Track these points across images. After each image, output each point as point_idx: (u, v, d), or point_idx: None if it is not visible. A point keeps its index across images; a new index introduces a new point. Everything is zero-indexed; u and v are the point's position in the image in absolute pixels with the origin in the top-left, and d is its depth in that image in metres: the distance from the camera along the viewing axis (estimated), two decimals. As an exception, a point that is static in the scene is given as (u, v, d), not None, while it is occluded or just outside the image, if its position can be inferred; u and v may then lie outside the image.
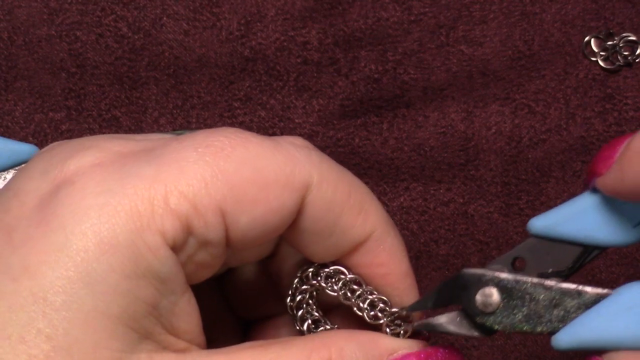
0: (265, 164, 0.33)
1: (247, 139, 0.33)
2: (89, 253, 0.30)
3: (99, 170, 0.31)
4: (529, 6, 0.56)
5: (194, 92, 0.56)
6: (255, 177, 0.32)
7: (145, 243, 0.30)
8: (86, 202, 0.31)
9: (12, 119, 0.56)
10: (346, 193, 0.34)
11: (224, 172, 0.32)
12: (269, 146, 0.33)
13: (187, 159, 0.32)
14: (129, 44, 0.56)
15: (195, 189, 0.31)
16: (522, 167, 0.55)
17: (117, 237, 0.30)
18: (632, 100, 0.55)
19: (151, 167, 0.31)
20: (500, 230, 0.54)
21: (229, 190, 0.32)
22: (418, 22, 0.56)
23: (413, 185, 0.55)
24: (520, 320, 0.35)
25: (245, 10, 0.57)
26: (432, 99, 0.56)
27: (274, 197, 0.33)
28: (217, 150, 0.32)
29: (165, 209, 0.31)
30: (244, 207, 0.32)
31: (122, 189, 0.31)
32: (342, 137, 0.56)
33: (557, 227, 0.36)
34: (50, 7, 0.57)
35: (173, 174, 0.31)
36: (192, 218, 0.31)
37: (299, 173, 0.33)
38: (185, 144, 0.32)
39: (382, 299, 0.36)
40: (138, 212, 0.30)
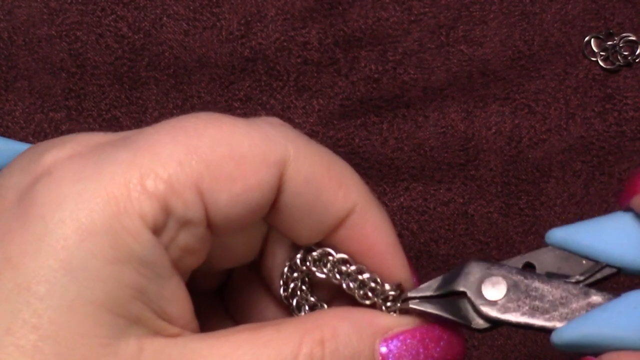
0: (240, 140, 0.33)
1: (220, 118, 0.33)
2: (68, 241, 0.30)
3: (76, 159, 0.32)
4: (529, 6, 0.56)
5: (194, 92, 0.56)
6: (231, 154, 0.32)
7: (125, 227, 0.30)
8: (63, 190, 0.31)
9: (12, 119, 0.56)
10: (325, 167, 0.34)
11: (198, 151, 0.32)
12: (242, 124, 0.33)
13: (160, 141, 0.32)
14: (129, 44, 0.56)
15: (170, 169, 0.31)
16: (522, 167, 0.55)
17: (95, 223, 0.30)
18: (632, 100, 0.55)
19: (127, 152, 0.31)
20: (500, 230, 0.54)
21: (205, 167, 0.32)
22: (418, 22, 0.56)
23: (413, 185, 0.55)
24: (523, 312, 0.35)
25: (245, 10, 0.57)
26: (432, 99, 0.56)
27: (252, 173, 0.33)
28: (190, 131, 0.32)
29: (142, 192, 0.31)
30: (221, 184, 0.32)
31: (99, 175, 0.31)
32: (342, 137, 0.56)
33: (576, 239, 0.35)
34: (50, 7, 0.57)
35: (148, 157, 0.31)
36: (170, 198, 0.31)
37: (275, 148, 0.33)
38: (159, 127, 0.32)
39: (373, 277, 0.36)
40: (115, 197, 0.31)
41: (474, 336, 0.53)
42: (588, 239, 0.35)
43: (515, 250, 0.54)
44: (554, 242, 0.36)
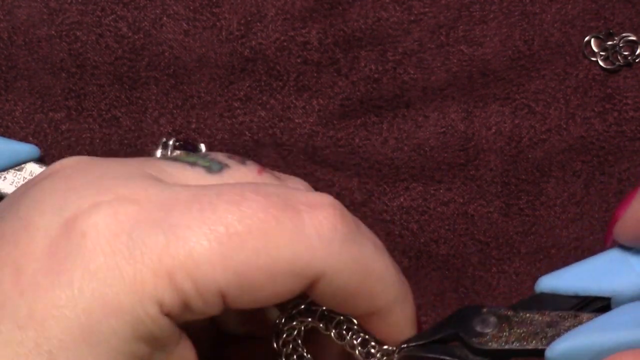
0: (280, 254, 0.32)
1: (268, 222, 0.32)
2: (93, 314, 0.30)
3: (112, 227, 0.31)
4: (529, 6, 0.56)
5: (194, 92, 0.56)
6: (266, 267, 0.31)
7: (146, 312, 0.31)
8: (95, 261, 0.31)
9: (12, 119, 0.56)
10: (359, 283, 0.34)
11: (233, 259, 0.31)
12: (289, 232, 0.32)
13: (199, 239, 0.31)
14: (129, 44, 0.56)
15: (200, 271, 0.31)
16: (522, 167, 0.55)
17: (120, 303, 0.30)
18: (632, 100, 0.55)
19: (162, 236, 0.31)
20: (500, 230, 0.54)
21: (235, 277, 0.31)
22: (418, 22, 0.56)
23: (413, 185, 0.55)
24: (516, 338, 0.35)
25: (245, 10, 0.57)
26: (432, 99, 0.56)
27: (281, 284, 0.32)
28: (233, 234, 0.31)
29: (167, 283, 0.31)
30: (246, 291, 0.32)
31: (131, 255, 0.31)
32: (342, 137, 0.56)
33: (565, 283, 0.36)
34: (50, 7, 0.57)
35: (182, 251, 0.31)
36: (192, 297, 0.31)
37: (315, 265, 0.32)
38: (203, 216, 0.31)
39: (374, 338, 0.36)
40: (142, 282, 0.31)
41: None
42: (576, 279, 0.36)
43: (515, 250, 0.54)
44: (543, 289, 0.36)
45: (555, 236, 0.54)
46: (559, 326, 0.34)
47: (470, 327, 0.35)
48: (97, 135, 0.56)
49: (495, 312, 0.35)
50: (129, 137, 0.56)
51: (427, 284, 0.53)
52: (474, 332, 0.35)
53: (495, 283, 0.54)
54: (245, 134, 0.56)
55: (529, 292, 0.54)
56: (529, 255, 0.54)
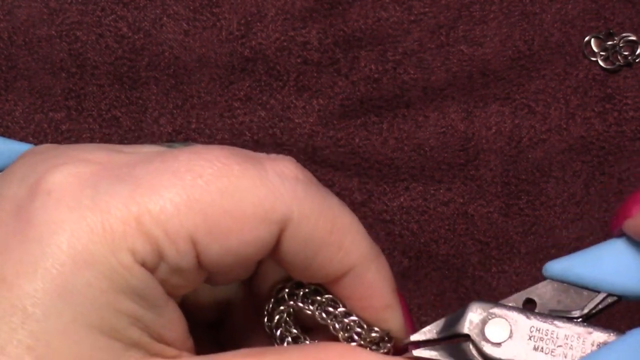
0: (245, 196, 0.32)
1: (231, 167, 0.32)
2: (65, 267, 0.30)
3: (76, 183, 0.31)
4: (529, 6, 0.56)
5: (194, 92, 0.56)
6: (232, 209, 0.32)
7: (118, 261, 0.30)
8: (61, 215, 0.31)
9: (12, 119, 0.56)
10: (327, 230, 0.34)
11: (199, 202, 0.31)
12: (252, 177, 0.32)
13: (163, 183, 0.31)
14: (129, 44, 0.56)
15: (167, 215, 0.31)
16: (522, 167, 0.55)
17: (91, 254, 0.30)
18: (632, 100, 0.55)
19: (127, 186, 0.31)
20: (500, 230, 0.54)
21: (202, 220, 0.31)
22: (418, 22, 0.56)
23: (413, 185, 0.55)
24: (527, 353, 0.35)
25: (245, 10, 0.57)
26: (432, 99, 0.56)
27: (249, 230, 0.32)
28: (196, 177, 0.32)
29: (136, 230, 0.31)
30: (216, 237, 0.32)
31: (96, 206, 0.31)
32: (342, 137, 0.56)
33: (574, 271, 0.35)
34: (50, 7, 0.57)
35: (148, 197, 0.31)
36: (163, 243, 0.31)
37: (280, 208, 0.32)
38: (166, 165, 0.32)
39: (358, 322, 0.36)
40: (111, 230, 0.30)
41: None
42: (586, 270, 0.35)
43: (515, 250, 0.54)
44: (552, 275, 0.36)
45: (555, 236, 0.54)
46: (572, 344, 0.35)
47: (482, 331, 0.35)
48: (97, 135, 0.56)
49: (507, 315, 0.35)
50: (129, 137, 0.56)
51: (427, 284, 0.53)
52: (487, 340, 0.35)
53: (495, 283, 0.54)
54: (245, 134, 0.56)
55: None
56: (529, 255, 0.54)
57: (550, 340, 0.35)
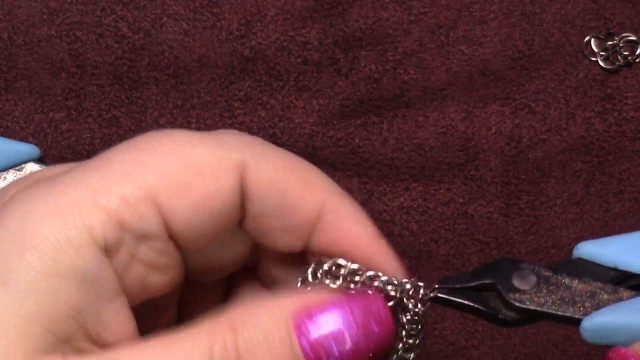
0: (194, 150, 0.32)
1: (173, 132, 0.33)
2: (8, 254, 0.30)
3: (32, 186, 0.32)
4: (529, 6, 0.56)
5: (194, 92, 0.56)
6: (185, 163, 0.32)
7: (69, 240, 0.30)
8: (12, 211, 0.31)
9: (12, 119, 0.56)
10: (287, 169, 0.34)
11: (151, 164, 0.32)
12: (196, 135, 0.33)
13: (112, 160, 0.32)
14: (129, 44, 0.56)
15: (123, 184, 0.31)
16: (522, 167, 0.55)
17: (39, 236, 0.30)
18: (632, 100, 0.55)
19: (79, 172, 0.31)
20: (500, 230, 0.54)
21: (160, 179, 0.31)
22: (418, 22, 0.56)
23: (413, 185, 0.55)
24: (553, 301, 0.34)
25: (245, 10, 0.57)
26: (432, 99, 0.56)
27: (209, 180, 0.32)
28: (142, 147, 0.32)
29: (92, 206, 0.30)
30: (178, 194, 0.32)
31: (48, 194, 0.31)
32: (342, 137, 0.56)
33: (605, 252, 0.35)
34: (50, 7, 0.57)
35: (99, 174, 0.31)
36: (124, 212, 0.31)
37: (230, 154, 0.33)
38: (112, 149, 0.32)
39: (389, 280, 0.35)
40: (63, 211, 0.30)
41: (474, 336, 0.53)
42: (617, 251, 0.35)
43: (515, 251, 0.54)
44: (582, 254, 0.36)
45: (555, 236, 0.54)
46: (597, 298, 0.34)
47: (508, 281, 0.35)
48: (97, 135, 0.56)
49: (534, 269, 0.35)
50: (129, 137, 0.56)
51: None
52: (512, 287, 0.35)
53: (495, 283, 0.54)
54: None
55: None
56: (529, 255, 0.54)
57: (576, 293, 0.35)
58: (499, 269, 0.35)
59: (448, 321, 0.53)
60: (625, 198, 0.54)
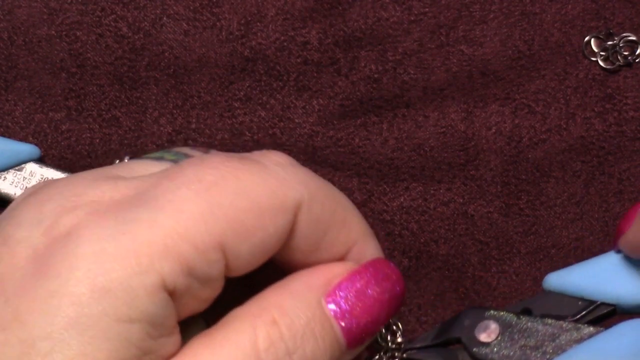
0: (259, 190, 0.32)
1: (236, 167, 0.33)
2: (81, 298, 0.30)
3: (95, 219, 0.31)
4: (529, 6, 0.56)
5: (194, 92, 0.56)
6: (251, 206, 0.32)
7: (143, 285, 0.30)
8: (81, 250, 0.30)
9: (12, 119, 0.56)
10: (332, 209, 0.34)
11: (220, 207, 0.31)
12: (258, 171, 0.33)
13: (182, 198, 0.31)
14: (129, 44, 0.56)
15: (194, 229, 0.31)
16: (522, 167, 0.55)
17: (112, 282, 0.30)
18: (632, 100, 0.55)
19: (147, 210, 0.31)
20: (500, 230, 0.54)
21: (227, 223, 0.31)
22: (418, 22, 0.56)
23: (413, 185, 0.55)
24: (515, 351, 0.35)
25: (245, 10, 0.57)
26: (432, 99, 0.56)
27: (270, 221, 0.32)
28: (210, 185, 0.32)
29: (164, 252, 0.30)
30: (243, 237, 0.32)
31: (119, 234, 0.30)
32: (342, 137, 0.56)
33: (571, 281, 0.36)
34: (50, 7, 0.57)
35: (170, 216, 0.31)
36: (194, 259, 0.31)
37: (292, 194, 0.33)
38: (178, 182, 0.32)
39: None
40: (136, 256, 0.30)
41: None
42: (582, 280, 0.36)
43: (515, 250, 0.54)
44: (550, 286, 0.36)
45: (555, 236, 0.54)
46: (559, 342, 0.35)
47: (472, 334, 0.36)
48: (97, 135, 0.56)
49: (498, 318, 0.36)
50: (129, 137, 0.56)
51: (427, 284, 0.53)
52: (476, 340, 0.35)
53: (495, 283, 0.54)
54: (245, 134, 0.56)
55: (529, 292, 0.54)
56: (529, 255, 0.54)
57: (538, 338, 0.35)
58: (465, 321, 0.36)
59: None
60: (625, 198, 0.54)
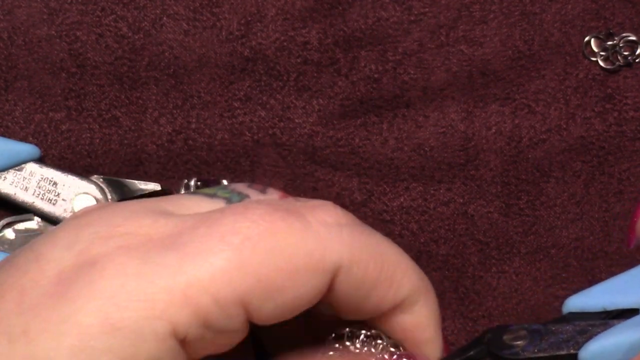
0: (295, 251, 0.31)
1: (275, 223, 0.31)
2: (90, 329, 0.30)
3: (124, 254, 0.31)
4: (529, 6, 0.56)
5: (194, 92, 0.56)
6: (284, 266, 0.31)
7: (153, 330, 0.30)
8: (102, 282, 0.30)
9: (12, 119, 0.56)
10: (377, 269, 0.33)
11: (250, 264, 0.31)
12: (298, 230, 0.32)
13: (212, 249, 0.31)
14: (129, 44, 0.56)
15: (218, 283, 0.30)
16: (522, 167, 0.55)
17: (123, 320, 0.30)
18: (632, 100, 0.55)
19: (175, 255, 0.31)
20: (500, 230, 0.54)
21: (255, 282, 0.31)
22: (418, 22, 0.56)
23: (413, 185, 0.55)
24: (546, 348, 0.34)
25: (245, 10, 0.57)
26: (432, 99, 0.56)
27: (302, 283, 0.31)
28: (244, 239, 0.31)
29: (183, 301, 0.30)
30: (270, 296, 0.31)
31: (141, 275, 0.30)
32: (342, 137, 0.56)
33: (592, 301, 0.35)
34: (50, 7, 0.57)
35: (196, 265, 0.30)
36: (212, 311, 0.30)
37: (330, 257, 0.32)
38: (212, 230, 0.31)
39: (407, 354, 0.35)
40: (153, 299, 0.30)
41: (474, 337, 0.53)
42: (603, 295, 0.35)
43: (515, 250, 0.54)
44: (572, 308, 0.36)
45: (555, 236, 0.54)
46: (590, 332, 0.34)
47: (500, 341, 0.35)
48: (97, 135, 0.56)
49: (524, 327, 0.35)
50: (129, 137, 0.56)
51: None
52: (504, 344, 0.35)
53: (495, 283, 0.54)
54: (245, 134, 0.56)
55: (529, 292, 0.54)
56: (529, 255, 0.54)
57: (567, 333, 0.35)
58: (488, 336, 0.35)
59: (448, 321, 0.53)
60: (625, 198, 0.54)
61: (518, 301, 0.54)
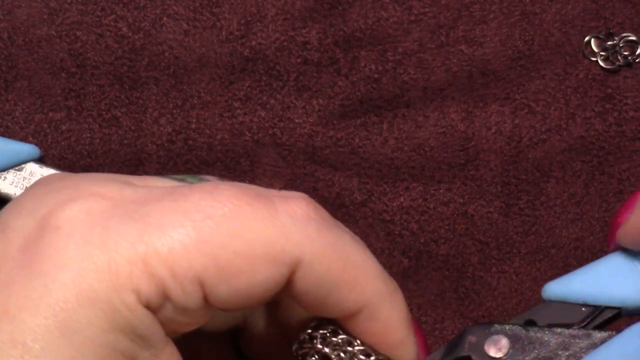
0: (256, 237, 0.31)
1: (241, 207, 0.32)
2: (68, 304, 0.30)
3: (86, 219, 0.31)
4: (529, 6, 0.56)
5: (194, 92, 0.56)
6: (242, 251, 0.31)
7: (122, 300, 0.30)
8: (68, 252, 0.30)
9: (12, 119, 0.56)
10: (340, 269, 0.33)
11: (209, 243, 0.31)
12: (262, 217, 0.32)
13: (173, 223, 0.31)
14: (129, 44, 0.56)
15: (175, 256, 0.31)
16: (522, 167, 0.55)
17: (95, 292, 0.30)
18: (632, 100, 0.55)
19: (136, 225, 0.31)
20: (500, 230, 0.54)
21: (211, 261, 0.31)
22: (418, 22, 0.56)
23: (413, 185, 0.55)
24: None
25: (245, 10, 0.57)
26: (432, 99, 0.56)
27: (259, 271, 0.32)
28: (206, 218, 0.31)
29: (142, 270, 0.30)
30: (225, 278, 0.31)
31: (104, 244, 0.31)
32: (342, 137, 0.56)
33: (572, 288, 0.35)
34: (50, 7, 0.57)
35: (156, 237, 0.31)
36: (169, 284, 0.31)
37: (291, 249, 0.32)
38: (177, 205, 0.32)
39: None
40: (116, 270, 0.30)
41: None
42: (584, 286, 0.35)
43: (515, 250, 0.54)
44: (550, 295, 0.36)
45: (555, 236, 0.54)
46: (573, 348, 0.34)
47: (482, 351, 0.35)
48: (97, 135, 0.56)
49: (505, 332, 0.35)
50: (129, 137, 0.56)
51: (427, 284, 0.54)
52: (487, 357, 0.35)
53: (495, 283, 0.54)
54: (245, 134, 0.56)
55: (529, 292, 0.54)
56: (529, 255, 0.54)
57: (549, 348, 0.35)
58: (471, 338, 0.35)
59: (448, 321, 0.54)
60: (625, 198, 0.54)
61: (518, 301, 0.54)
